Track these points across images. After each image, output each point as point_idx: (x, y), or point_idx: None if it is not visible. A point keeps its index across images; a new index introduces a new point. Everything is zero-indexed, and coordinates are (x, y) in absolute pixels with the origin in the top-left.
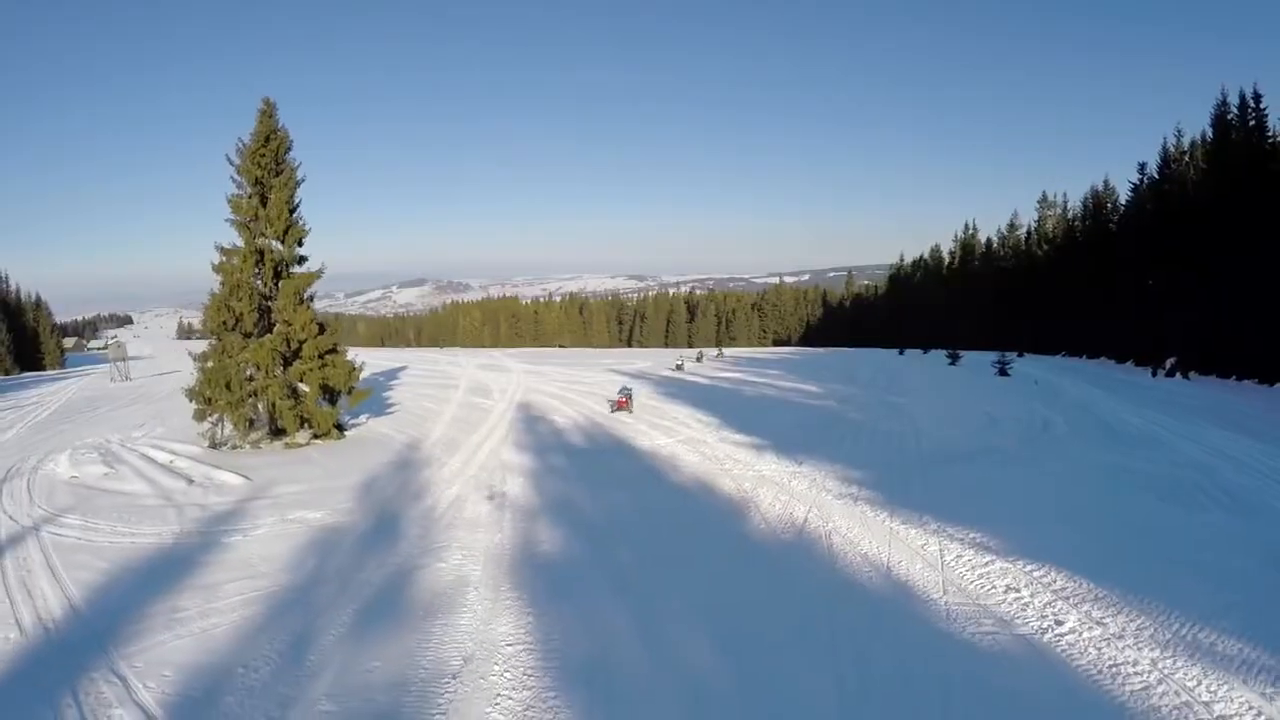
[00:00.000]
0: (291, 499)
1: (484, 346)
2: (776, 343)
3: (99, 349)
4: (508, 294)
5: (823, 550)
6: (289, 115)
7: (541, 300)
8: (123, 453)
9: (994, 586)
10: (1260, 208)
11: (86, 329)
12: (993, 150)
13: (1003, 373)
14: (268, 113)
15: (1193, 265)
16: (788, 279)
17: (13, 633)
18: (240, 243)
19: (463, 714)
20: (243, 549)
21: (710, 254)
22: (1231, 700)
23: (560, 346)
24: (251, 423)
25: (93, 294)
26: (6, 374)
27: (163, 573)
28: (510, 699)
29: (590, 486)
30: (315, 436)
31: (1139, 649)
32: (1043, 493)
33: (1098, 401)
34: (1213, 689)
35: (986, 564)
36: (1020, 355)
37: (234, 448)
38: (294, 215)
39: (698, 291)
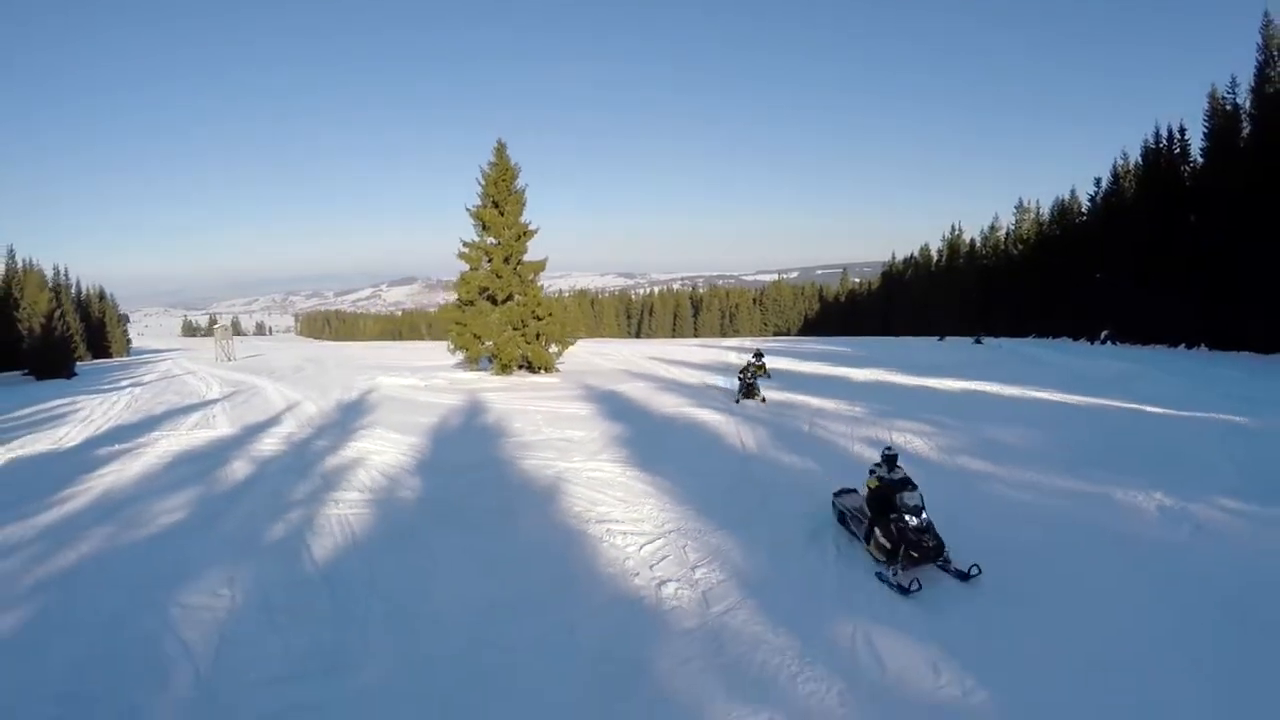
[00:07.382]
0: (610, 382)
1: None
2: (777, 334)
3: None
4: None
5: (889, 387)
6: (276, 113)
7: (552, 296)
8: (429, 379)
9: (963, 388)
10: (1175, 220)
11: None
12: (983, 156)
13: (977, 342)
14: (501, 150)
15: (1128, 264)
16: (777, 275)
17: (574, 436)
18: (478, 240)
19: (811, 415)
20: (632, 394)
21: (698, 252)
22: (1041, 393)
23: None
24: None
25: None
26: (80, 360)
27: (609, 402)
28: (813, 427)
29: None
30: (531, 372)
31: (1014, 390)
32: (988, 371)
33: (1039, 353)
34: (1038, 394)
35: (962, 385)
36: (996, 337)
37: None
38: (522, 221)
39: (698, 289)
